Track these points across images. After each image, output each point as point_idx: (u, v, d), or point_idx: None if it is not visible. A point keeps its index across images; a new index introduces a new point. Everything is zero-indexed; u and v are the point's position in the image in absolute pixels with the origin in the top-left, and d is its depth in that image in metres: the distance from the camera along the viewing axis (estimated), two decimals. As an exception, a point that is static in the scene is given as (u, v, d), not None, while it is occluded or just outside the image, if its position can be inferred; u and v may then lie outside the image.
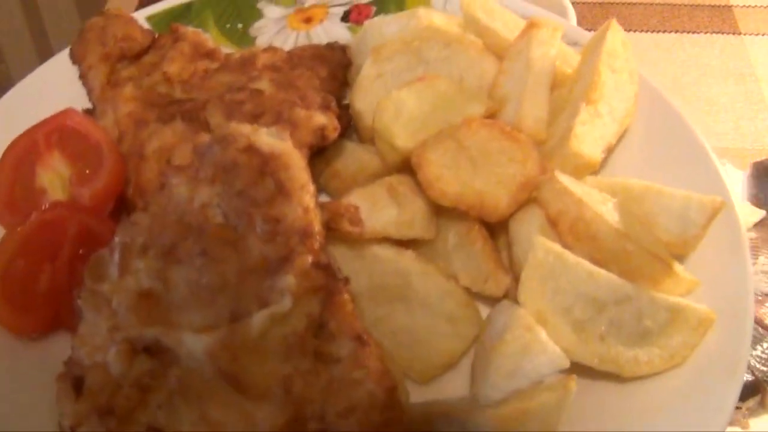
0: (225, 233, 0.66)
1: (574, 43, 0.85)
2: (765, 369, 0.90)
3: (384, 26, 0.85)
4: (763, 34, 1.46)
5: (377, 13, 0.92)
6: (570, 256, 0.65)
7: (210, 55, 0.84)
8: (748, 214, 1.07)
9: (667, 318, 0.65)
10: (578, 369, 0.64)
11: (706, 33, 1.46)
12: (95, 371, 0.65)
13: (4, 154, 0.75)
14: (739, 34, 1.46)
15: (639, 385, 0.65)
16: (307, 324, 0.62)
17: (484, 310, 0.71)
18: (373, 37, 0.85)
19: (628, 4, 1.53)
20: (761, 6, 1.51)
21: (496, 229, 0.74)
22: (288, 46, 0.91)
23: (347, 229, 0.68)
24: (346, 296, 0.63)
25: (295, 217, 0.65)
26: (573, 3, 1.18)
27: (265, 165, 0.66)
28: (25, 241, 0.70)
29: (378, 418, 0.60)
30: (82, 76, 0.84)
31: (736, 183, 1.12)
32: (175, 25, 0.87)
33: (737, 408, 0.83)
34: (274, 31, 0.92)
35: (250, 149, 0.66)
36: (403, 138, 0.75)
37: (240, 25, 0.91)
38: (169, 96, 0.81)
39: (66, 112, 0.76)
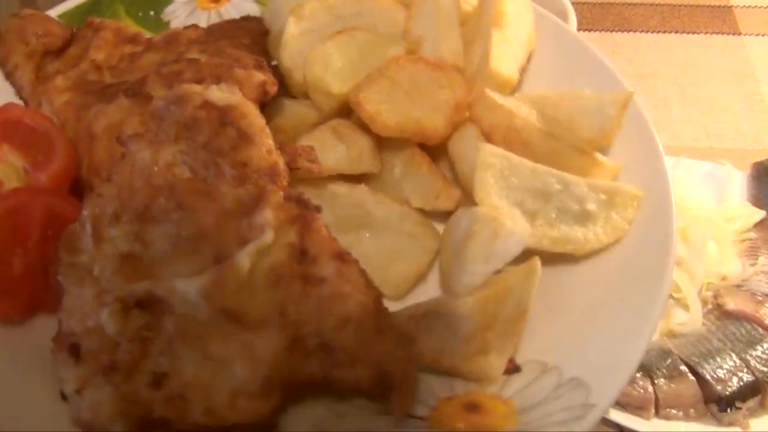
0: (195, 185, 0.69)
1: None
2: (765, 369, 0.93)
3: (291, -5, 0.90)
4: (763, 35, 1.47)
5: (281, -15, 0.96)
6: (513, 157, 0.72)
7: (133, 39, 0.87)
8: (748, 214, 1.10)
9: (604, 199, 0.73)
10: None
11: (706, 33, 1.47)
12: (91, 335, 0.67)
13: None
14: (739, 34, 1.47)
15: (589, 264, 0.73)
16: (290, 252, 0.67)
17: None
18: (282, 3, 0.90)
19: (629, 4, 1.55)
20: (761, 6, 1.52)
21: (435, 153, 0.81)
22: (203, 25, 0.94)
23: (307, 166, 0.73)
24: (320, 222, 0.68)
25: (260, 158, 0.69)
26: (573, 3, 1.21)
27: (224, 116, 0.70)
28: (-7, 228, 0.71)
29: (371, 325, 0.65)
30: (8, 76, 0.85)
31: (736, 183, 1.15)
32: (91, 18, 0.89)
33: (738, 408, 0.90)
34: (186, 12, 0.96)
35: (207, 105, 0.70)
36: (336, 85, 0.81)
37: (152, 12, 0.94)
38: (100, 82, 0.84)
39: (6, 107, 0.78)
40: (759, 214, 1.10)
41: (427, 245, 0.75)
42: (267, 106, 0.83)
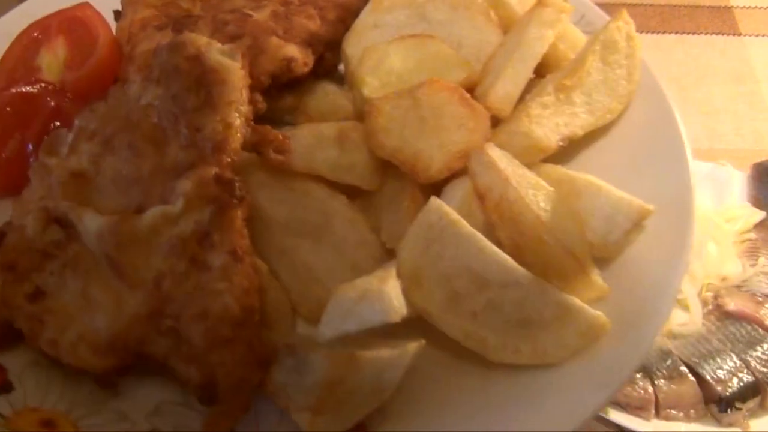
0: (154, 133, 0.69)
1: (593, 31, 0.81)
2: (765, 370, 0.92)
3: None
4: (763, 35, 1.45)
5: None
6: (465, 227, 0.62)
7: (237, -20, 0.87)
8: (748, 215, 1.08)
9: (553, 314, 0.61)
10: (447, 342, 0.62)
11: (706, 34, 1.47)
12: (16, 231, 0.70)
13: (23, 32, 0.82)
14: (740, 35, 1.45)
15: (503, 375, 0.62)
16: (194, 230, 0.64)
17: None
18: (393, -9, 0.84)
19: (629, 5, 1.53)
20: (761, 7, 1.50)
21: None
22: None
23: (270, 156, 0.69)
24: (237, 213, 0.64)
25: (214, 129, 0.67)
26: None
27: (203, 76, 0.68)
28: (2, 105, 0.76)
29: (226, 332, 0.61)
30: (121, -19, 0.89)
31: (736, 184, 1.13)
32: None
33: (738, 409, 0.89)
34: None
35: (195, 59, 0.69)
36: (371, 88, 0.75)
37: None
38: (187, 11, 0.85)
39: (82, 5, 0.83)
40: (759, 215, 1.09)
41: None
42: (308, 85, 0.80)
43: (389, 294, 0.58)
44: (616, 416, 0.89)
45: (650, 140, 0.74)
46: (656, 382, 0.92)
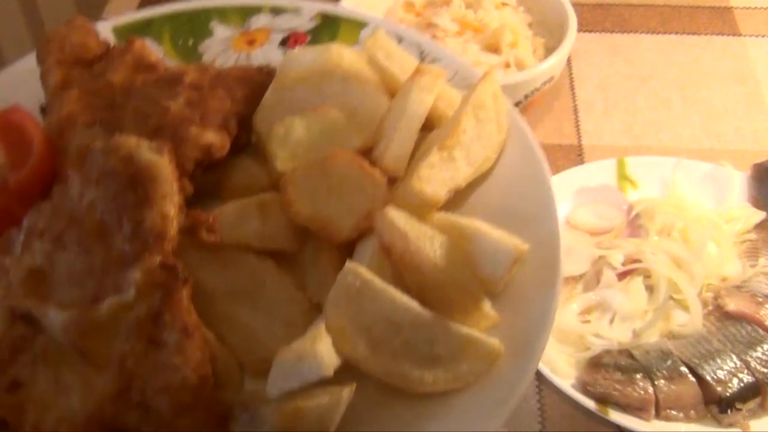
0: (99, 229, 0.79)
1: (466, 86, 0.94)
2: (765, 371, 0.94)
3: (301, 56, 0.95)
4: (763, 36, 1.48)
5: (311, 42, 1.02)
6: (377, 283, 0.75)
7: (150, 68, 0.97)
8: (748, 215, 1.12)
9: (458, 346, 0.74)
10: (374, 381, 0.75)
11: (706, 34, 1.48)
12: (-16, 329, 0.79)
13: (-43, 138, 0.89)
14: (740, 35, 1.47)
15: (423, 402, 0.75)
16: (147, 313, 0.75)
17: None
18: (290, 66, 0.96)
19: (629, 5, 1.56)
20: (761, 7, 1.53)
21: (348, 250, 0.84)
22: (229, 65, 1.02)
23: (203, 237, 0.80)
24: (183, 294, 0.75)
25: (153, 222, 0.77)
26: (573, 5, 1.25)
27: (137, 175, 0.78)
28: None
29: (187, 399, 0.72)
30: (42, 77, 0.97)
31: (737, 184, 1.16)
32: (130, 37, 0.99)
33: (738, 409, 0.91)
34: (220, 50, 1.04)
35: (128, 160, 0.79)
36: (282, 160, 0.87)
37: (191, 42, 1.03)
38: (109, 102, 0.94)
39: (12, 109, 0.91)
40: (759, 216, 1.11)
41: (298, 337, 0.79)
42: (230, 160, 0.90)
43: (321, 352, 0.70)
44: (616, 416, 0.92)
45: (521, 181, 0.87)
46: (656, 382, 0.93)
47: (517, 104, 1.16)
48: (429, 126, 0.90)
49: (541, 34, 1.29)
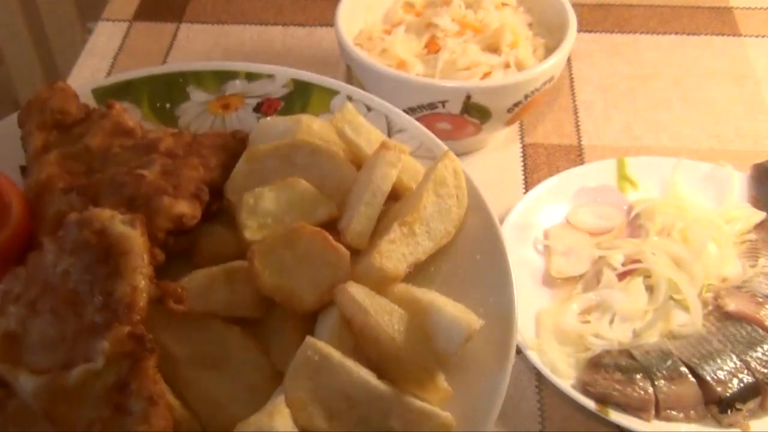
0: (72, 297, 0.82)
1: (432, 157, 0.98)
2: (765, 371, 0.94)
3: (273, 127, 1.00)
4: (763, 36, 1.48)
5: (284, 108, 1.06)
6: (335, 358, 0.78)
7: (128, 133, 1.00)
8: (748, 216, 1.12)
9: (411, 419, 0.78)
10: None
11: (706, 35, 1.49)
12: (-40, 391, 0.83)
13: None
14: (740, 35, 1.48)
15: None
16: (115, 381, 0.78)
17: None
18: (262, 134, 1.00)
19: (629, 5, 1.57)
20: (761, 8, 1.54)
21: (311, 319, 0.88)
22: (204, 128, 1.06)
23: (172, 306, 0.83)
24: (150, 363, 0.79)
25: (123, 293, 0.81)
26: (573, 5, 1.25)
27: (110, 248, 0.82)
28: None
29: (151, 466, 0.76)
30: (23, 139, 1.01)
31: (736, 185, 1.17)
32: (110, 101, 1.03)
33: (738, 410, 0.92)
34: (196, 113, 1.08)
35: (101, 232, 0.83)
36: (251, 231, 0.90)
37: (168, 105, 1.07)
38: (87, 166, 0.98)
39: (-8, 173, 0.94)
40: (759, 216, 1.11)
41: (261, 403, 0.83)
42: (202, 226, 0.94)
43: (278, 427, 0.74)
44: (616, 417, 0.92)
45: (479, 254, 0.92)
46: (656, 382, 0.93)
47: (517, 104, 1.17)
48: (393, 196, 0.94)
49: (541, 35, 1.28)
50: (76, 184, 0.94)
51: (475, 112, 1.15)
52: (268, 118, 1.03)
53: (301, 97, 1.07)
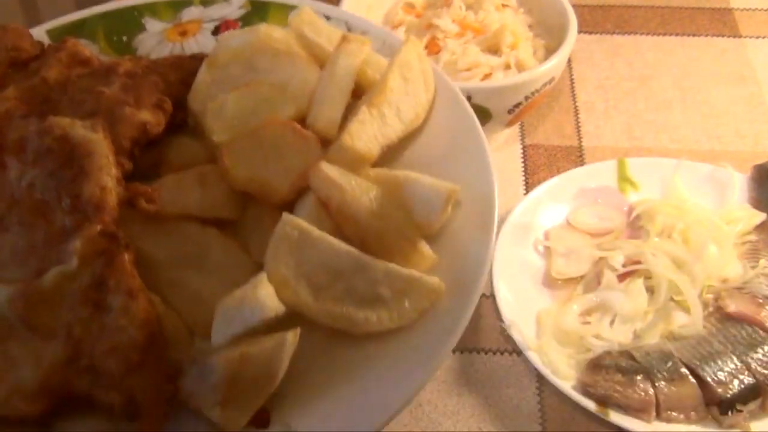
0: (39, 207, 0.80)
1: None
2: (766, 372, 0.93)
3: (232, 39, 0.98)
4: (763, 37, 1.47)
5: (242, 28, 1.05)
6: (314, 231, 0.77)
7: (84, 62, 0.98)
8: (748, 217, 1.10)
9: (400, 286, 0.76)
10: (320, 326, 0.76)
11: (706, 35, 1.47)
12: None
13: None
14: (740, 36, 1.47)
15: (370, 342, 0.76)
16: (91, 280, 0.76)
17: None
18: (222, 47, 0.98)
19: (629, 6, 1.55)
20: (762, 9, 1.52)
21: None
22: (164, 55, 1.04)
23: (143, 206, 0.81)
24: (125, 258, 0.76)
25: (91, 194, 0.78)
26: (573, 6, 1.23)
27: (73, 151, 0.80)
28: None
29: (135, 358, 0.73)
30: (-21, 81, 0.99)
31: (737, 186, 1.16)
32: (65, 38, 1.01)
33: (738, 411, 0.91)
34: (154, 43, 1.06)
35: (63, 138, 0.81)
36: (219, 134, 0.89)
37: (124, 38, 1.05)
38: (45, 96, 0.96)
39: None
40: (759, 217, 1.10)
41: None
42: (168, 139, 0.92)
43: (263, 296, 0.71)
44: (617, 418, 0.92)
45: (453, 134, 0.90)
46: (657, 383, 0.93)
47: (517, 105, 1.16)
48: (359, 93, 0.92)
49: (541, 36, 1.28)
50: (36, 110, 0.92)
51: (475, 113, 1.11)
52: (227, 32, 1.01)
53: (258, 16, 1.06)
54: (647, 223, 1.12)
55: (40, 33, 1.06)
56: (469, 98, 1.07)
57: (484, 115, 1.14)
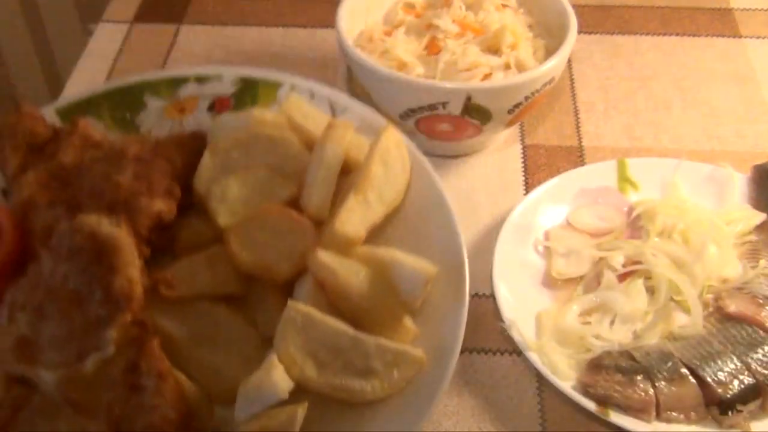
0: (74, 297, 0.92)
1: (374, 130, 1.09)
2: (766, 372, 0.94)
3: (228, 122, 1.10)
4: (763, 37, 1.47)
5: (235, 105, 1.16)
6: (317, 315, 0.90)
7: (96, 145, 1.10)
8: (748, 217, 1.11)
9: (390, 359, 0.90)
10: (323, 397, 0.90)
11: (706, 36, 1.48)
12: (-17, 394, 0.93)
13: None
14: (740, 36, 1.47)
15: (367, 407, 0.91)
16: (126, 365, 0.88)
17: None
18: (220, 130, 1.10)
19: (629, 7, 1.56)
20: (762, 9, 1.53)
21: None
22: (164, 132, 1.16)
23: (164, 292, 0.94)
24: (154, 344, 0.89)
25: (121, 286, 0.91)
26: (573, 6, 1.23)
27: (102, 248, 0.92)
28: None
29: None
30: (0, 165, 1.10)
31: (737, 186, 1.16)
32: (74, 118, 1.12)
33: (739, 411, 0.92)
34: (155, 119, 1.17)
35: (92, 235, 0.93)
36: (223, 217, 1.01)
37: (127, 115, 1.16)
38: (64, 181, 1.07)
39: (-23, 198, 1.03)
40: (759, 217, 1.10)
41: (255, 366, 0.94)
42: (177, 220, 1.04)
43: (276, 380, 0.85)
44: (617, 418, 0.92)
45: (427, 211, 1.04)
46: (657, 384, 0.93)
47: (517, 105, 1.15)
48: (346, 170, 1.05)
49: (541, 36, 1.26)
50: (59, 198, 1.04)
51: (475, 114, 1.15)
52: (222, 115, 1.13)
53: (249, 93, 1.18)
54: (647, 223, 1.11)
55: (49, 112, 1.17)
56: (469, 98, 1.13)
57: (484, 115, 1.16)
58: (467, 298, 0.95)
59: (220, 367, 0.95)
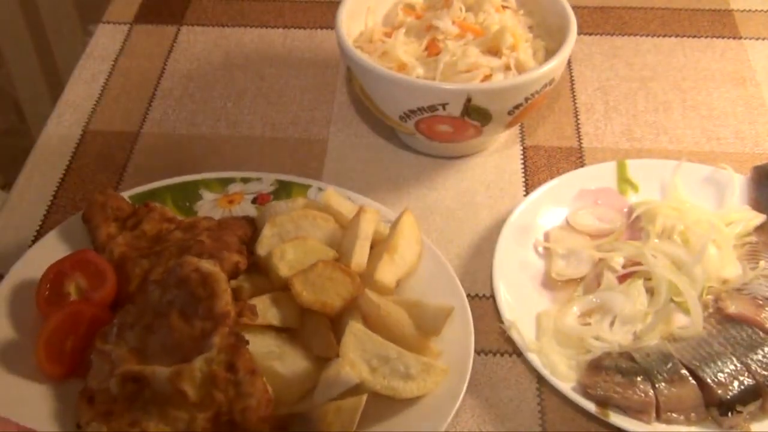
0: (181, 315, 1.19)
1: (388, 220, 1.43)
2: (766, 373, 0.94)
3: (276, 206, 1.42)
4: (763, 38, 1.48)
5: (273, 200, 1.49)
6: (371, 333, 1.20)
7: (171, 220, 1.38)
8: (748, 218, 1.11)
9: (422, 368, 1.19)
10: (374, 394, 1.18)
11: (706, 37, 1.49)
12: (101, 392, 1.15)
13: (45, 272, 1.26)
14: (740, 38, 1.48)
15: (406, 402, 1.19)
16: (225, 364, 1.14)
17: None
18: (269, 213, 1.42)
19: (629, 8, 1.57)
20: (761, 10, 1.54)
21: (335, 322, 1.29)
22: (217, 217, 1.47)
23: (248, 318, 1.22)
24: (246, 349, 1.16)
25: (220, 308, 1.17)
26: (574, 8, 1.26)
27: (205, 279, 1.19)
28: (59, 321, 1.20)
29: (262, 413, 1.12)
30: (90, 231, 1.36)
31: (737, 187, 1.16)
32: (147, 202, 1.42)
33: (738, 412, 0.93)
34: (209, 208, 1.48)
35: (197, 270, 1.20)
36: (284, 270, 1.31)
37: (187, 203, 1.46)
38: (150, 243, 1.35)
39: (84, 250, 1.29)
40: (759, 218, 1.11)
41: (314, 379, 1.21)
42: (242, 274, 1.33)
43: (347, 371, 1.13)
44: (617, 419, 0.92)
45: (431, 274, 1.37)
46: (657, 385, 0.93)
47: (517, 106, 1.18)
48: (372, 244, 1.38)
49: (541, 37, 1.29)
50: (149, 253, 1.32)
51: (475, 115, 1.17)
52: (274, 202, 1.44)
53: (284, 191, 1.50)
54: (647, 224, 1.13)
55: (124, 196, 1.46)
56: (469, 99, 1.15)
57: (484, 116, 1.18)
58: (472, 329, 1.27)
59: (288, 377, 1.22)
